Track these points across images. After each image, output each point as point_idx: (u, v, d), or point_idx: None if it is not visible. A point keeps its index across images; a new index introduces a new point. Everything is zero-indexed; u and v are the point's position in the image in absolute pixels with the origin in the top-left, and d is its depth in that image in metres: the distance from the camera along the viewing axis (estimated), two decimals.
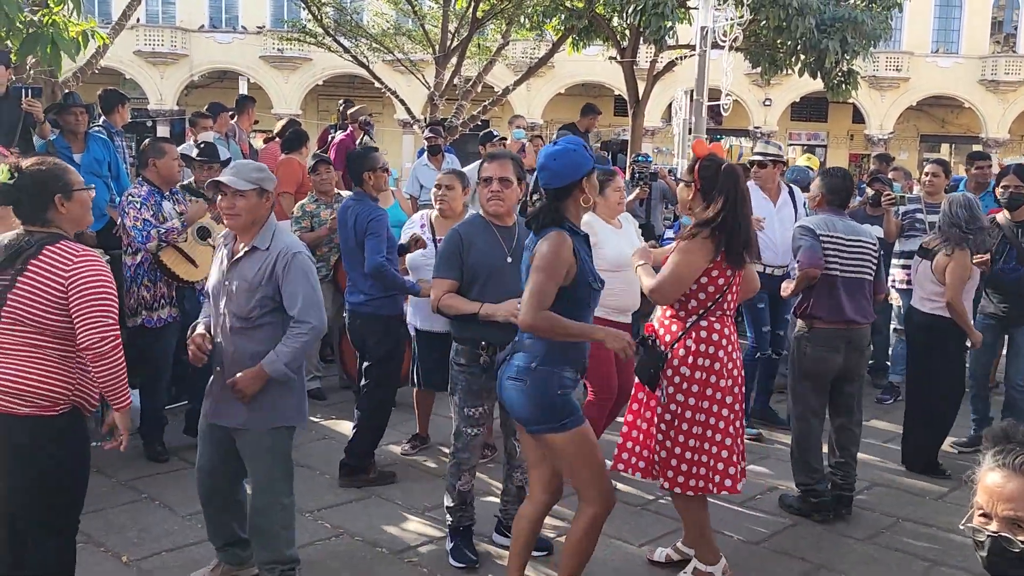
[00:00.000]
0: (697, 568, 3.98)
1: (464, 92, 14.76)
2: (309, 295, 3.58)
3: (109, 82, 19.87)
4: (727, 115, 15.71)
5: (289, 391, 3.67)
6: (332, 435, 6.08)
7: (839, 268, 4.86)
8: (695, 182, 3.86)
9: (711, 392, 3.89)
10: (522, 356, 3.42)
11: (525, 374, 3.39)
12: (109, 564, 4.11)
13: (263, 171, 3.67)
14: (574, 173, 3.36)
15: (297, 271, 3.57)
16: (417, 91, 17.63)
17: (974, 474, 1.93)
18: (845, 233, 4.90)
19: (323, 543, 4.40)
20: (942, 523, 4.86)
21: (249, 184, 3.57)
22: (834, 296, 4.83)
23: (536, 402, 3.38)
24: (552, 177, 3.36)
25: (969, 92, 35.47)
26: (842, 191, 5.01)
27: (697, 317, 3.88)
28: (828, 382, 4.92)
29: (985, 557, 1.84)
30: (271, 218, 3.69)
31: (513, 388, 3.43)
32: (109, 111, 7.57)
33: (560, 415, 3.38)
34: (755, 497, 5.14)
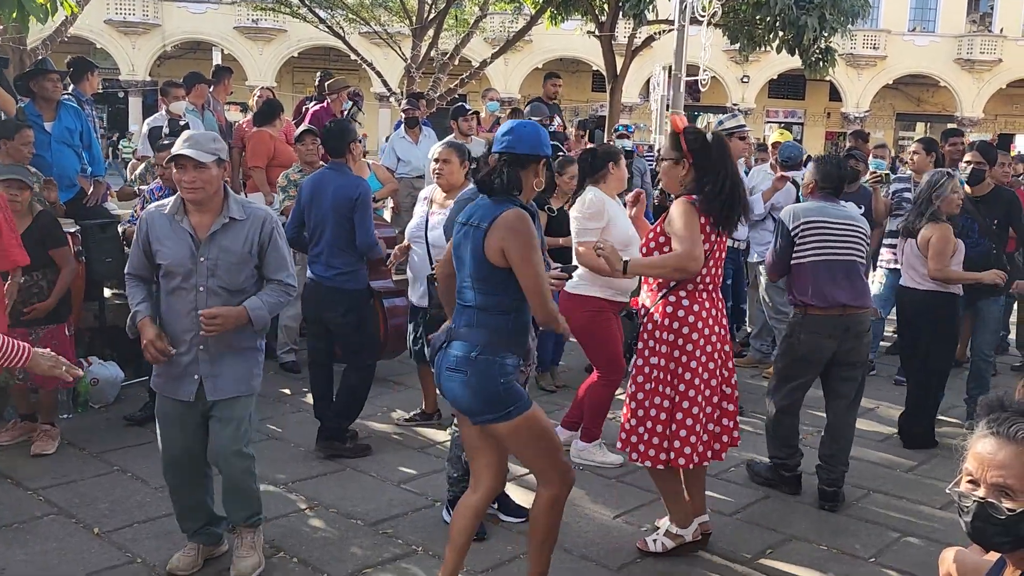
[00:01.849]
0: (669, 530, 4.06)
1: (441, 65, 14.65)
2: (288, 258, 3.70)
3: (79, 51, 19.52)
4: (705, 92, 15.69)
5: (259, 361, 3.78)
6: (307, 408, 6.04)
7: (825, 251, 4.70)
8: (687, 157, 3.81)
9: (681, 365, 3.87)
10: (461, 345, 3.23)
11: (465, 364, 3.20)
12: (80, 536, 4.08)
13: (219, 141, 3.63)
14: (537, 147, 3.24)
15: (277, 235, 3.65)
16: (394, 64, 17.49)
17: (965, 441, 1.94)
18: (832, 217, 4.75)
19: (298, 515, 4.39)
20: (912, 495, 4.92)
21: (210, 155, 3.48)
22: (821, 279, 4.68)
23: (479, 394, 3.21)
24: (516, 141, 3.22)
25: (945, 71, 35.69)
26: (835, 179, 4.88)
27: (667, 290, 3.90)
28: (818, 368, 4.82)
29: (969, 523, 1.85)
30: (228, 187, 3.68)
31: (453, 380, 3.24)
32: (78, 79, 7.45)
33: (505, 404, 3.20)
34: (728, 469, 5.18)
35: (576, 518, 4.46)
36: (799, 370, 4.86)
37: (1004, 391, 2.02)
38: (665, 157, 3.94)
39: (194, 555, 3.81)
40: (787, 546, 4.26)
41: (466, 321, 3.24)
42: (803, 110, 38.64)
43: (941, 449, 5.67)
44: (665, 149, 3.97)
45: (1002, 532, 1.82)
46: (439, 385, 3.37)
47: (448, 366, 3.25)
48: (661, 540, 4.06)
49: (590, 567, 3.96)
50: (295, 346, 7.00)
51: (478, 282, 3.21)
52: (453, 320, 3.32)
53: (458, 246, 3.28)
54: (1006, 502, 1.81)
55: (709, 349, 3.92)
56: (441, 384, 3.33)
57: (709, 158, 3.80)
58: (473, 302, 3.23)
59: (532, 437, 3.29)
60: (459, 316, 3.28)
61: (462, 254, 3.25)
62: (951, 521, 4.56)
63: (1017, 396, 2.56)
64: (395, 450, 5.31)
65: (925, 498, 4.88)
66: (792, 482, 4.89)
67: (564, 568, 3.93)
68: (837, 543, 4.29)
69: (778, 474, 4.93)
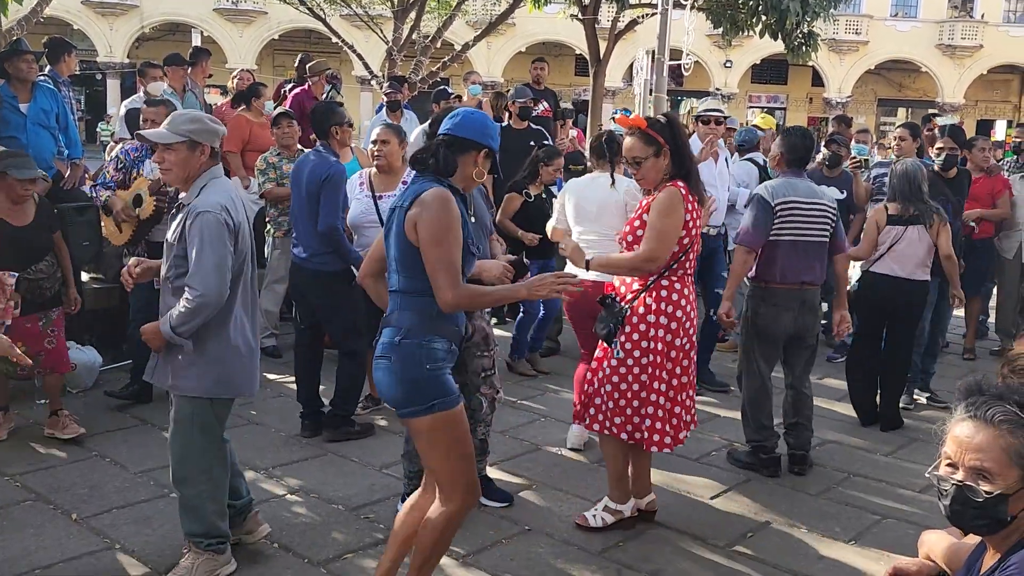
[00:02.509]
0: (608, 505, 4.14)
1: (423, 48, 14.55)
2: (200, 260, 3.31)
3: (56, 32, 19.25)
4: (688, 76, 15.70)
5: (215, 362, 3.44)
6: (288, 393, 6.02)
7: (798, 232, 4.82)
8: (664, 147, 3.85)
9: (664, 349, 3.94)
10: (388, 331, 3.05)
11: (390, 350, 3.01)
12: (58, 522, 4.04)
13: (198, 123, 3.45)
14: (480, 134, 3.10)
15: (194, 232, 3.32)
16: (375, 47, 17.38)
17: (944, 425, 1.95)
18: (805, 196, 4.87)
19: (279, 500, 4.37)
20: (891, 478, 4.96)
21: (177, 137, 3.39)
22: (790, 259, 4.83)
23: (403, 381, 3.00)
24: (459, 126, 3.09)
25: (926, 56, 35.84)
26: (801, 149, 4.99)
27: (658, 276, 3.91)
28: (780, 342, 4.97)
29: (948, 506, 1.87)
30: (209, 173, 3.47)
31: (379, 367, 3.06)
32: (55, 60, 7.33)
33: (428, 395, 2.99)
34: (709, 454, 5.20)
35: (558, 503, 4.46)
36: (762, 346, 4.98)
37: (982, 375, 2.03)
38: (641, 156, 3.87)
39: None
40: (767, 530, 4.28)
41: (393, 306, 3.09)
42: (786, 95, 38.71)
43: (919, 433, 5.71)
44: (639, 148, 3.88)
45: (980, 515, 1.84)
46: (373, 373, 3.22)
47: (376, 354, 3.08)
48: (601, 515, 4.15)
49: (572, 551, 3.96)
50: (275, 331, 6.96)
51: (400, 264, 3.04)
52: (388, 307, 3.17)
53: (388, 231, 3.11)
54: (984, 485, 1.82)
55: (690, 331, 4.00)
56: (374, 375, 3.17)
57: (679, 139, 3.90)
58: (398, 285, 3.07)
59: (450, 440, 3.05)
60: (391, 302, 3.13)
61: (390, 236, 3.09)
62: (930, 504, 4.59)
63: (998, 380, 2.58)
64: (376, 435, 5.29)
65: (904, 481, 4.92)
66: (771, 464, 4.92)
67: (546, 552, 3.94)
68: (817, 526, 4.32)
69: (757, 457, 4.96)
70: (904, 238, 5.67)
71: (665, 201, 3.83)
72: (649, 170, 3.90)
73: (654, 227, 3.82)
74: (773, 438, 4.97)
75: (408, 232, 2.98)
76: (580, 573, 3.78)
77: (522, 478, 4.74)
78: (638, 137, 3.89)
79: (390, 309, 3.11)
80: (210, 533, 3.54)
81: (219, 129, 3.52)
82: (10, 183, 4.69)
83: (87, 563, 3.70)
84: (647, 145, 3.86)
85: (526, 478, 4.74)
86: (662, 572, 3.81)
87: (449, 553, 3.82)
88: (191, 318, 3.33)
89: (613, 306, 3.95)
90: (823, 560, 3.99)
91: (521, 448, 5.17)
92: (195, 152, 3.43)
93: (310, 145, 7.07)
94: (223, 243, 3.35)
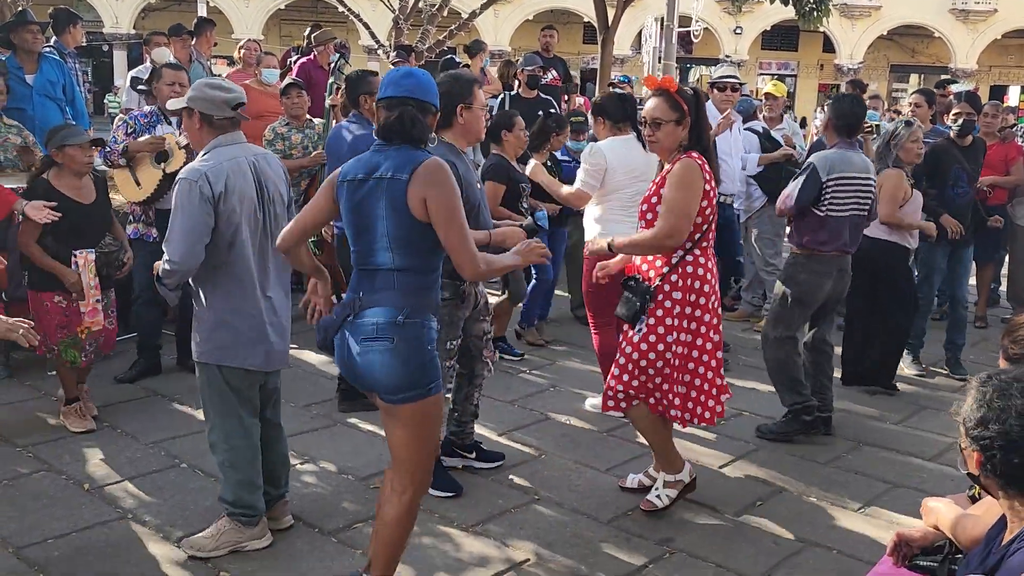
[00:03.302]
0: (667, 479, 4.07)
1: (430, 17, 14.41)
2: (173, 225, 3.37)
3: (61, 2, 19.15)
4: (697, 43, 15.53)
5: (215, 328, 3.49)
6: (296, 364, 6.02)
7: (852, 208, 4.85)
8: (687, 116, 3.76)
9: (695, 326, 3.89)
10: (381, 311, 2.88)
11: (391, 331, 2.86)
12: (71, 492, 4.07)
13: (196, 90, 3.50)
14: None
15: (173, 198, 3.41)
16: (382, 16, 17.20)
17: (958, 408, 1.94)
18: (859, 172, 4.86)
19: (289, 471, 4.38)
20: (901, 447, 4.95)
21: (183, 103, 3.54)
22: (845, 232, 4.88)
23: (408, 363, 2.88)
24: (417, 88, 2.96)
25: (939, 21, 35.33)
26: (851, 116, 4.95)
27: (684, 252, 3.84)
28: (813, 309, 5.01)
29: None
30: (217, 140, 3.48)
31: (373, 350, 2.87)
32: (60, 31, 7.29)
33: (428, 378, 2.93)
34: (719, 423, 5.17)
35: (567, 472, 4.47)
36: (799, 311, 4.98)
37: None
38: (664, 119, 3.76)
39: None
40: (776, 498, 4.28)
41: (381, 285, 2.90)
42: (796, 62, 38.27)
43: (930, 402, 5.70)
44: (662, 111, 3.77)
45: None
46: (347, 363, 2.98)
47: (365, 336, 2.89)
48: (664, 493, 4.05)
49: (581, 520, 3.98)
50: None
51: (398, 241, 2.87)
52: (352, 290, 2.98)
53: (359, 204, 2.91)
54: None
55: (716, 306, 3.96)
56: (351, 361, 2.94)
57: (701, 113, 3.84)
58: (390, 263, 2.89)
59: (433, 424, 3.04)
60: (364, 283, 2.95)
61: (368, 211, 2.90)
62: (940, 472, 4.59)
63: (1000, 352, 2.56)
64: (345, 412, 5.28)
65: (914, 449, 4.91)
66: (818, 424, 4.97)
67: (556, 521, 3.95)
68: (826, 495, 4.32)
69: (800, 421, 4.93)
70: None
71: (682, 174, 3.74)
72: (667, 136, 3.79)
73: (673, 201, 3.72)
74: (811, 398, 4.98)
75: (414, 208, 2.84)
76: (589, 542, 3.79)
77: (531, 447, 4.74)
78: (664, 99, 3.79)
79: (371, 288, 2.92)
80: (237, 503, 3.58)
81: (216, 96, 3.47)
82: (71, 153, 4.61)
83: (99, 532, 3.73)
84: (672, 110, 3.77)
85: (535, 448, 4.75)
86: (671, 541, 3.82)
87: (458, 522, 3.85)
88: (168, 276, 3.44)
89: (638, 287, 3.86)
90: (833, 528, 3.99)
91: (530, 418, 5.18)
92: (192, 119, 3.51)
93: (318, 114, 7.04)
94: (196, 209, 3.35)
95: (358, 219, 2.93)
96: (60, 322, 4.63)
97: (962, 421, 1.94)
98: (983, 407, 1.88)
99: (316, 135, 6.73)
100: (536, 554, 3.68)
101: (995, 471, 1.87)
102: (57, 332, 4.63)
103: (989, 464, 1.87)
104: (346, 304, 2.96)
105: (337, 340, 2.99)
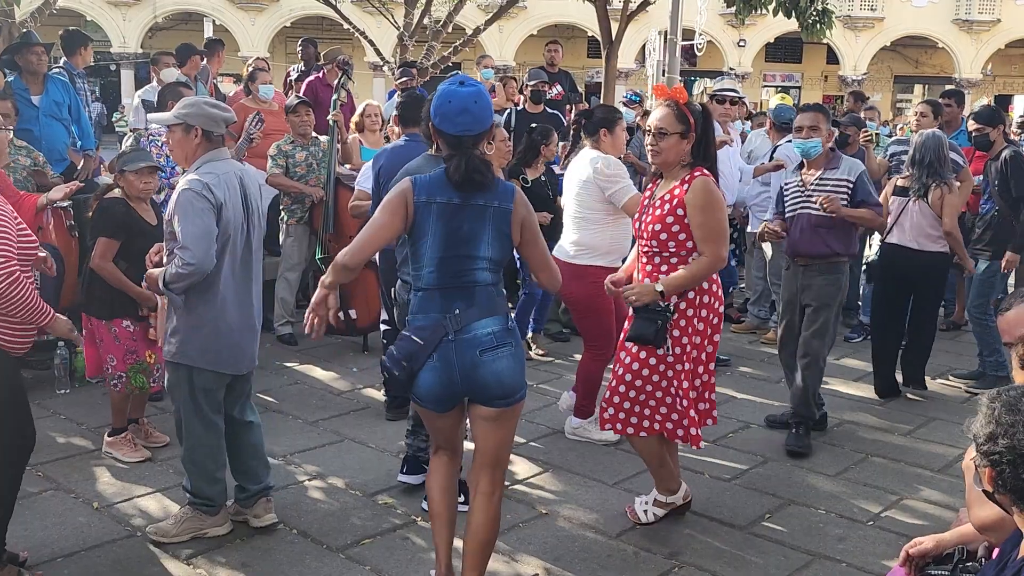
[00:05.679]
0: (657, 498, 4.03)
1: (434, 33, 14.49)
2: (187, 230, 3.52)
3: (69, 24, 19.30)
4: (701, 56, 15.58)
5: (195, 331, 3.66)
6: (304, 380, 6.05)
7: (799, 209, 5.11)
8: (692, 132, 3.72)
9: (703, 342, 3.86)
10: (492, 321, 3.04)
11: (510, 336, 3.09)
12: (81, 510, 4.09)
13: (191, 107, 3.69)
14: (491, 116, 3.12)
15: (179, 206, 3.56)
16: (387, 32, 17.31)
17: (970, 424, 1.94)
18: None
19: (297, 487, 4.39)
20: (909, 459, 4.93)
21: (175, 119, 3.68)
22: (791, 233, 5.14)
23: (522, 362, 3.17)
24: (477, 120, 3.03)
25: (943, 32, 35.38)
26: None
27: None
28: (792, 310, 5.14)
29: None
30: (208, 155, 3.67)
31: (502, 356, 3.03)
32: (71, 52, 7.36)
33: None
34: (727, 435, 5.19)
35: (575, 487, 4.47)
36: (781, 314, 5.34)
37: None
38: (670, 131, 3.71)
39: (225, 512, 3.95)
40: (785, 511, 4.27)
41: (485, 297, 3.05)
42: (800, 73, 38.34)
43: (938, 413, 5.68)
44: (669, 122, 3.71)
45: None
46: (468, 379, 3.02)
47: (485, 347, 3.00)
48: (652, 510, 4.03)
49: (588, 534, 3.97)
50: (291, 319, 6.97)
51: (494, 263, 3.09)
52: (441, 308, 3.02)
53: (458, 227, 3.01)
54: None
55: (719, 322, 3.95)
56: (476, 373, 3.01)
57: (709, 131, 3.82)
58: (490, 280, 3.09)
59: (517, 421, 3.29)
60: (460, 300, 3.02)
61: (471, 235, 3.01)
62: (949, 484, 4.57)
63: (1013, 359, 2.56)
64: (393, 421, 5.30)
65: (922, 461, 4.89)
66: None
67: (564, 536, 3.95)
68: (835, 507, 4.30)
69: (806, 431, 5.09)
70: (907, 211, 5.73)
71: (708, 196, 3.67)
72: (670, 148, 3.73)
73: (709, 226, 3.66)
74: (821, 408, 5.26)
75: (515, 233, 3.10)
76: (597, 556, 3.78)
77: (538, 462, 4.74)
78: (672, 110, 3.73)
79: (473, 302, 3.01)
80: (197, 494, 3.82)
81: (215, 114, 3.69)
82: (129, 179, 4.60)
83: (109, 551, 3.74)
84: (678, 122, 3.71)
85: (542, 462, 4.75)
86: (680, 554, 3.81)
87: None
88: (179, 280, 3.56)
89: (656, 306, 3.71)
90: (842, 541, 3.98)
91: (537, 432, 5.18)
92: (189, 135, 3.66)
93: (323, 131, 7.08)
94: (206, 213, 3.55)
95: (456, 240, 3.02)
96: (130, 347, 4.58)
97: (973, 437, 1.94)
98: (992, 422, 1.88)
99: (321, 152, 6.76)
100: (545, 569, 3.68)
101: (1006, 486, 1.86)
102: (127, 358, 4.58)
103: (1000, 479, 1.87)
104: (437, 326, 3.00)
105: (439, 361, 3.00)
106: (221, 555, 3.72)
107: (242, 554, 3.74)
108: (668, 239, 3.73)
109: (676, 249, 3.74)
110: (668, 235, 3.73)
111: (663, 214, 3.74)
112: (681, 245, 3.73)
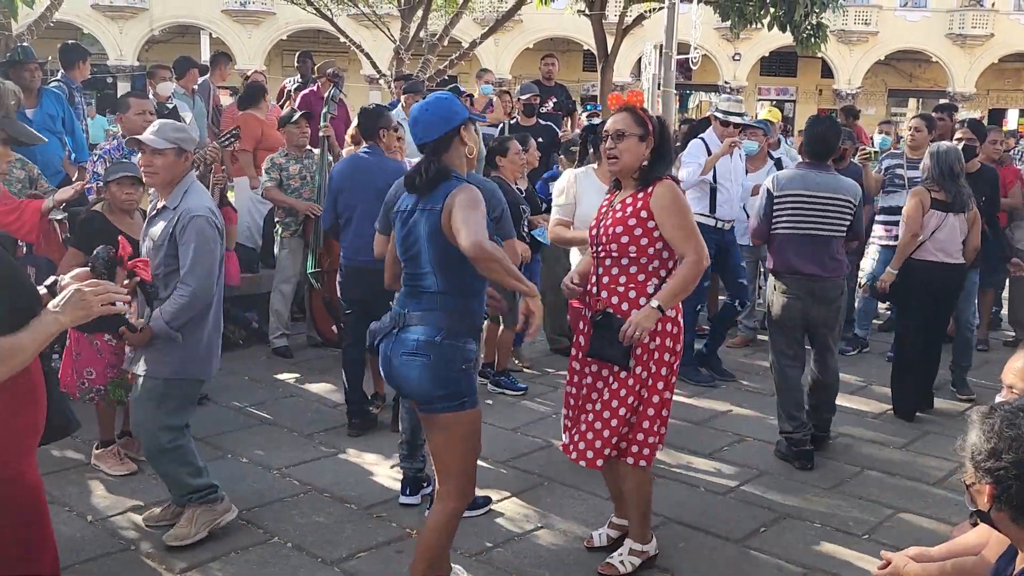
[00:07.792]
0: (632, 548, 3.78)
1: (430, 46, 14.57)
2: (196, 259, 3.63)
3: (65, 36, 19.35)
4: (696, 70, 15.64)
5: (182, 348, 3.74)
6: (299, 393, 6.05)
7: (803, 226, 4.90)
8: (650, 136, 3.59)
9: (670, 358, 3.65)
10: (422, 330, 3.12)
11: (429, 349, 3.10)
12: (74, 524, 4.07)
13: (184, 131, 3.78)
14: (447, 122, 3.12)
15: (190, 233, 3.64)
16: (383, 46, 17.36)
17: (962, 443, 1.93)
18: (815, 190, 4.87)
19: (292, 499, 4.39)
20: (905, 472, 4.93)
21: (166, 143, 3.71)
22: (792, 254, 4.93)
23: (439, 378, 3.11)
24: (425, 130, 3.14)
25: (937, 46, 35.60)
26: (819, 141, 4.96)
27: (660, 280, 3.61)
28: (795, 332, 5.02)
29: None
30: (188, 178, 3.80)
31: (412, 365, 3.13)
32: (69, 66, 7.37)
33: (462, 392, 3.15)
34: (723, 448, 5.19)
35: (569, 500, 4.46)
36: (778, 334, 5.09)
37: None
38: (628, 132, 3.58)
39: (165, 511, 4.05)
40: (780, 524, 4.27)
41: (426, 306, 3.14)
42: (795, 87, 38.53)
43: (934, 426, 5.69)
44: (627, 124, 3.59)
45: None
46: (388, 371, 3.24)
47: (406, 351, 3.14)
48: (629, 560, 3.75)
49: (582, 547, 3.96)
50: (287, 331, 6.96)
51: (439, 267, 3.11)
52: (400, 305, 3.23)
53: (407, 234, 3.18)
54: None
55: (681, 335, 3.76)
56: (393, 369, 3.21)
57: (666, 138, 3.69)
58: (435, 287, 3.13)
59: (468, 436, 3.21)
60: (411, 301, 3.19)
61: (413, 240, 3.15)
62: (944, 497, 4.58)
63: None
64: (387, 434, 5.29)
65: (918, 475, 4.90)
66: (801, 456, 4.92)
67: (560, 549, 3.95)
68: (830, 521, 4.30)
69: (790, 449, 5.00)
70: (946, 224, 5.63)
71: (676, 196, 3.57)
72: (628, 150, 3.58)
73: (684, 225, 3.54)
74: (803, 429, 4.97)
75: (448, 233, 3.03)
76: (593, 570, 3.77)
77: (532, 475, 4.74)
78: (629, 114, 3.65)
79: (416, 308, 3.17)
80: (198, 489, 3.87)
81: (196, 138, 3.84)
82: (112, 189, 4.59)
83: (103, 564, 3.73)
84: (636, 124, 3.61)
85: (536, 475, 4.74)
86: (675, 568, 3.80)
87: (462, 550, 3.84)
88: (184, 313, 3.66)
89: (615, 322, 3.51)
90: (837, 555, 3.97)
91: (532, 445, 5.17)
92: (181, 159, 3.74)
93: (316, 144, 7.10)
94: (216, 244, 3.72)
95: (405, 246, 3.22)
96: (110, 361, 4.56)
97: (969, 456, 1.90)
98: (993, 438, 1.85)
99: (315, 164, 6.78)
100: None
101: (1010, 502, 1.83)
102: (107, 372, 4.57)
103: (1004, 495, 1.83)
104: (394, 316, 3.23)
105: (382, 347, 3.25)
106: (216, 567, 3.71)
107: (236, 567, 3.73)
108: (629, 243, 3.56)
109: (637, 255, 3.56)
110: (630, 238, 3.56)
111: (624, 217, 3.59)
112: (642, 251, 3.56)
